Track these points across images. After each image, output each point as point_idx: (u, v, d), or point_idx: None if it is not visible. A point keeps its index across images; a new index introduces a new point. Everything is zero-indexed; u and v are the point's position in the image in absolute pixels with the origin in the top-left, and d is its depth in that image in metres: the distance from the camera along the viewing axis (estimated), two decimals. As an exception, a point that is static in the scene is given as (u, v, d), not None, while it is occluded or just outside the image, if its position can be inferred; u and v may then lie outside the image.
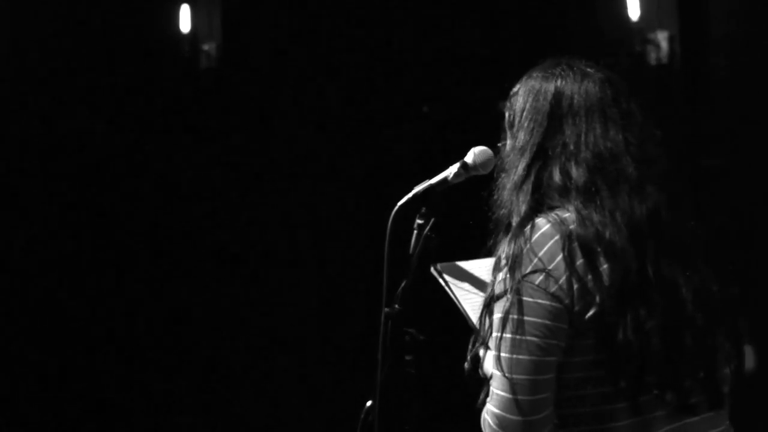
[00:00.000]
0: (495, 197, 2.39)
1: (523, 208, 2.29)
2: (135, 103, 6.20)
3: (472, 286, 2.53)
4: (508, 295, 2.23)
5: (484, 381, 2.30)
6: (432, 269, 2.55)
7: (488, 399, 2.28)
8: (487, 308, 2.30)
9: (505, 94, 2.50)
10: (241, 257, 6.26)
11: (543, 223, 2.26)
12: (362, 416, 2.58)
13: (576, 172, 2.29)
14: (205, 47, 6.29)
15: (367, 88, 6.11)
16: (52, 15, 6.02)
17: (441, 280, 2.55)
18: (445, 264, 2.57)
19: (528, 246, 2.23)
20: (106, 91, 6.13)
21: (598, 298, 2.19)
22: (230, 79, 6.31)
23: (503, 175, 2.39)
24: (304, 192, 6.19)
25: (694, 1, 5.57)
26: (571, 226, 2.24)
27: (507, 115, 2.44)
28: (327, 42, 6.19)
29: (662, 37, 5.63)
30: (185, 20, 6.28)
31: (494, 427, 2.25)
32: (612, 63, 2.46)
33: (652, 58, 5.63)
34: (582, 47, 2.48)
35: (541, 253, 2.22)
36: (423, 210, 2.60)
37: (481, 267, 2.53)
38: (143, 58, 6.22)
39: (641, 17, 5.67)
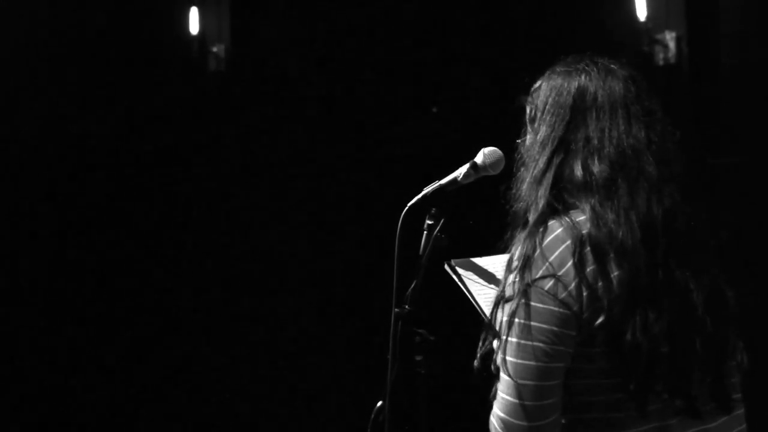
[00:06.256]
0: (514, 191, 2.36)
1: (541, 203, 2.27)
2: (143, 105, 6.21)
3: (486, 281, 2.51)
4: (516, 299, 2.21)
5: (495, 376, 2.28)
6: (446, 265, 2.54)
7: (495, 402, 2.26)
8: (497, 307, 2.28)
9: (512, 93, 2.49)
10: (248, 258, 6.27)
11: (556, 227, 2.24)
12: (373, 416, 2.58)
13: (598, 168, 2.26)
14: (214, 49, 6.31)
15: (375, 89, 6.12)
16: (62, 16, 6.04)
17: (455, 276, 2.54)
18: (459, 260, 2.55)
19: (539, 250, 2.21)
20: (115, 93, 6.14)
21: (606, 305, 2.17)
22: (238, 81, 6.32)
23: (523, 169, 2.36)
24: (312, 193, 6.19)
25: (701, 1, 5.57)
26: (584, 231, 2.21)
27: (528, 110, 2.41)
28: (335, 43, 6.19)
29: (670, 37, 5.63)
30: (194, 22, 6.29)
31: (500, 430, 2.24)
32: (628, 62, 2.43)
33: (660, 58, 5.63)
34: (589, 47, 2.46)
35: (551, 258, 2.20)
36: (433, 211, 2.59)
37: (495, 263, 2.51)
38: (152, 60, 6.24)
39: (649, 17, 5.66)
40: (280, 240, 6.22)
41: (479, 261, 2.55)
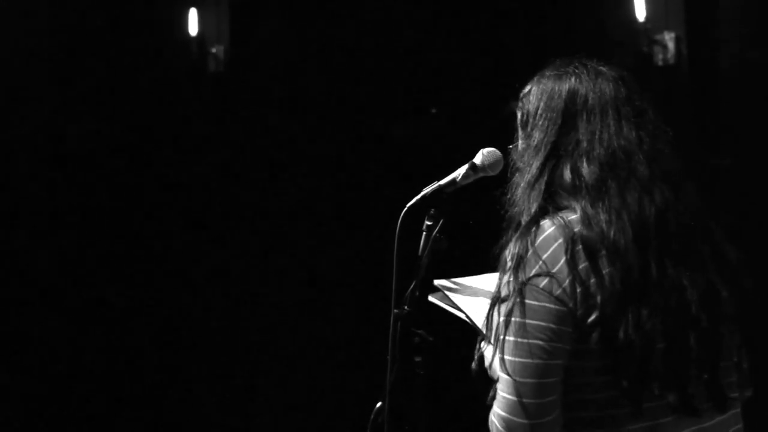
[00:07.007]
0: (508, 196, 2.37)
1: (534, 207, 2.28)
2: (142, 105, 6.22)
3: (470, 293, 2.52)
4: (511, 298, 2.22)
5: (491, 380, 2.29)
6: (430, 297, 2.54)
7: (495, 401, 2.26)
8: (494, 308, 2.28)
9: (511, 95, 2.49)
10: (247, 258, 6.27)
11: (548, 226, 2.24)
12: (372, 417, 2.58)
13: (587, 170, 2.27)
14: (213, 50, 6.31)
15: (375, 90, 6.12)
16: (62, 16, 6.04)
17: (439, 302, 2.54)
18: (441, 280, 2.56)
19: (532, 249, 2.22)
20: (115, 94, 6.15)
21: (599, 302, 2.18)
22: (238, 82, 6.32)
23: (517, 174, 2.37)
24: (312, 193, 6.19)
25: (701, 2, 5.57)
26: (576, 229, 2.22)
27: (519, 114, 2.42)
28: (334, 44, 6.19)
29: (669, 38, 5.63)
30: (193, 23, 6.29)
31: (501, 429, 2.24)
32: (618, 64, 2.44)
33: (659, 58, 5.63)
34: (588, 48, 2.46)
35: (545, 256, 2.21)
36: (432, 211, 2.59)
37: (473, 282, 2.53)
38: (152, 61, 6.25)
39: (648, 18, 5.67)
40: (280, 240, 6.22)
41: (461, 280, 2.57)
